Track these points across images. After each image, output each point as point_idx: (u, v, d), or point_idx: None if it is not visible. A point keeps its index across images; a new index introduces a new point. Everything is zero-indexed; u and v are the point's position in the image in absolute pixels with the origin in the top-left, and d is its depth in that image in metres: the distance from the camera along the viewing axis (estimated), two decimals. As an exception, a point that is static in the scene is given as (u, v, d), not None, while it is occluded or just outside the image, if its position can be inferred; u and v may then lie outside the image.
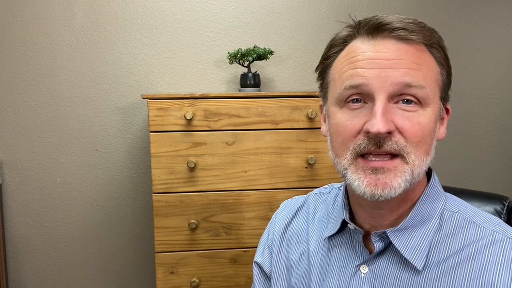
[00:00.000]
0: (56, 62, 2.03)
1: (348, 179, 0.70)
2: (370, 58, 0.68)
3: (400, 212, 0.74)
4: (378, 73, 0.67)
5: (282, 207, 0.96)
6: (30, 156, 2.06)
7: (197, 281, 1.74)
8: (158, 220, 1.73)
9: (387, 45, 0.68)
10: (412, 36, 0.68)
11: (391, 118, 0.67)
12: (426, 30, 0.70)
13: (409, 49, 0.68)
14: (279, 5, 2.13)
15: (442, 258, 0.70)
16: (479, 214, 0.74)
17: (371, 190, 0.67)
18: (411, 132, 0.67)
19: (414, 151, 0.67)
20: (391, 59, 0.67)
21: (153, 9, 2.06)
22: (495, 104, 2.33)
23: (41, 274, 2.11)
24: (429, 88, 0.68)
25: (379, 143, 0.66)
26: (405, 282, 0.71)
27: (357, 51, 0.70)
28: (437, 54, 0.71)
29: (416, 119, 0.67)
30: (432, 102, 0.69)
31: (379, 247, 0.73)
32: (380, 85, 0.67)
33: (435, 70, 0.71)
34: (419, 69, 0.68)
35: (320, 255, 0.82)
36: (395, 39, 0.68)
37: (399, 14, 0.74)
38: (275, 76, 2.16)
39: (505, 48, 2.31)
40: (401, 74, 0.67)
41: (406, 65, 0.67)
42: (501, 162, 2.36)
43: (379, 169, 0.67)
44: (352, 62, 0.69)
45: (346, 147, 0.70)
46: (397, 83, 0.66)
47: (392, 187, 0.67)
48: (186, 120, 1.70)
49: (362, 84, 0.67)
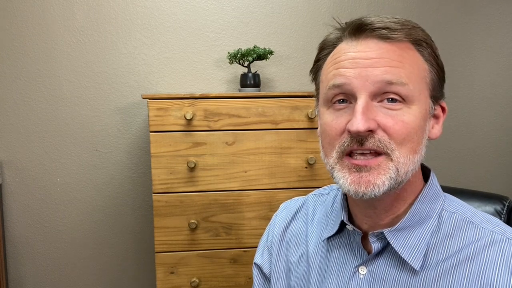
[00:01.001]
0: (56, 62, 2.03)
1: (335, 178, 0.71)
2: (352, 58, 0.69)
3: (396, 212, 0.74)
4: (359, 72, 0.68)
5: (281, 208, 0.96)
6: (30, 156, 2.06)
7: (197, 281, 1.74)
8: (158, 220, 1.73)
9: (368, 45, 0.69)
10: (394, 35, 0.68)
11: (373, 116, 0.67)
12: (409, 28, 0.70)
13: (390, 48, 0.68)
14: (279, 5, 2.13)
15: (441, 259, 0.70)
16: (478, 214, 0.74)
17: (354, 188, 0.68)
18: (394, 129, 0.67)
19: (399, 149, 0.67)
20: (372, 58, 0.68)
21: (153, 9, 2.06)
22: (495, 104, 2.33)
23: (41, 274, 2.11)
24: (412, 85, 0.68)
25: (361, 141, 0.67)
26: (404, 283, 0.71)
27: (341, 52, 0.71)
28: (424, 51, 0.71)
29: (400, 117, 0.68)
30: (417, 99, 0.69)
31: (377, 247, 0.73)
32: (361, 84, 0.67)
33: (421, 67, 0.70)
34: (401, 67, 0.68)
35: (319, 256, 0.82)
36: (377, 38, 0.69)
37: (399, 14, 0.74)
38: (275, 76, 2.16)
39: (505, 48, 2.31)
40: (381, 72, 0.67)
41: (386, 63, 0.67)
42: (501, 162, 2.36)
43: (362, 167, 0.68)
44: (336, 62, 0.71)
45: (332, 146, 0.71)
46: (378, 81, 0.67)
47: (376, 185, 0.67)
48: (186, 120, 1.70)
49: (344, 83, 0.69)
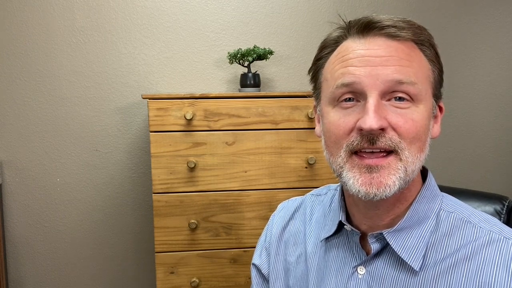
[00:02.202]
0: (56, 62, 2.03)
1: (343, 178, 0.70)
2: (361, 56, 0.68)
3: (396, 212, 0.73)
4: (369, 71, 0.67)
5: (279, 208, 0.96)
6: (30, 156, 2.06)
7: (197, 281, 1.74)
8: (158, 220, 1.73)
9: (377, 43, 0.69)
10: (402, 33, 0.68)
11: (384, 115, 0.67)
12: (415, 28, 0.70)
13: (399, 46, 0.68)
14: (279, 5, 2.13)
15: (439, 259, 0.70)
16: (476, 214, 0.74)
17: (365, 189, 0.67)
18: (405, 128, 0.67)
19: (408, 148, 0.67)
20: (382, 56, 0.67)
21: (153, 9, 2.06)
22: (494, 104, 2.33)
23: (41, 274, 2.11)
24: (420, 85, 0.68)
25: (372, 140, 0.66)
26: (403, 283, 0.71)
27: (348, 50, 0.70)
28: (427, 51, 0.71)
29: (410, 116, 0.67)
30: (424, 99, 0.69)
31: (376, 248, 0.73)
32: (371, 82, 0.67)
33: (426, 67, 0.71)
34: (410, 66, 0.68)
35: (317, 256, 0.82)
36: (385, 36, 0.69)
37: (399, 14, 0.74)
38: (275, 76, 2.16)
39: (505, 48, 2.31)
40: (392, 71, 0.67)
41: (396, 62, 0.67)
42: (501, 162, 2.36)
43: (373, 167, 0.67)
44: (344, 60, 0.70)
45: (339, 145, 0.70)
46: (389, 80, 0.67)
47: (387, 185, 0.67)
48: (186, 120, 1.70)
49: (353, 82, 0.68)
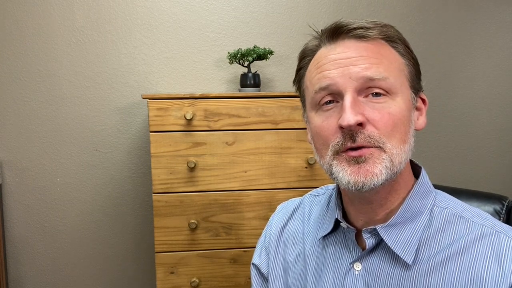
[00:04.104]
0: (56, 62, 2.03)
1: (334, 173, 0.72)
2: (333, 60, 0.73)
3: (390, 206, 0.75)
4: (341, 71, 0.71)
5: (278, 209, 0.98)
6: (30, 156, 2.06)
7: (197, 281, 1.74)
8: (158, 220, 1.73)
9: (347, 45, 0.73)
10: (369, 33, 0.72)
11: (361, 111, 0.70)
12: (381, 27, 0.74)
13: (368, 46, 0.72)
14: (279, 5, 2.13)
15: (433, 253, 0.71)
16: (468, 209, 0.76)
17: (354, 178, 0.69)
18: (382, 122, 0.70)
19: (389, 141, 0.70)
20: (352, 57, 0.71)
21: (153, 9, 2.06)
22: (494, 104, 2.33)
23: (41, 274, 2.12)
24: (393, 78, 0.71)
25: (353, 136, 0.69)
26: (397, 277, 0.72)
27: (322, 57, 0.75)
28: (398, 47, 0.75)
29: (386, 110, 0.70)
30: (400, 91, 0.72)
31: (371, 243, 0.74)
32: (345, 82, 0.71)
33: (398, 61, 0.74)
34: (379, 63, 0.71)
35: (315, 255, 0.84)
36: (354, 38, 0.73)
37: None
38: (275, 76, 2.16)
39: (505, 48, 2.31)
40: (361, 69, 0.70)
41: (366, 61, 0.71)
42: (501, 162, 2.36)
43: (359, 158, 0.70)
44: (319, 67, 0.74)
45: (327, 146, 0.73)
46: (360, 77, 0.70)
47: (374, 173, 0.69)
48: (186, 120, 1.70)
49: (329, 84, 0.72)
